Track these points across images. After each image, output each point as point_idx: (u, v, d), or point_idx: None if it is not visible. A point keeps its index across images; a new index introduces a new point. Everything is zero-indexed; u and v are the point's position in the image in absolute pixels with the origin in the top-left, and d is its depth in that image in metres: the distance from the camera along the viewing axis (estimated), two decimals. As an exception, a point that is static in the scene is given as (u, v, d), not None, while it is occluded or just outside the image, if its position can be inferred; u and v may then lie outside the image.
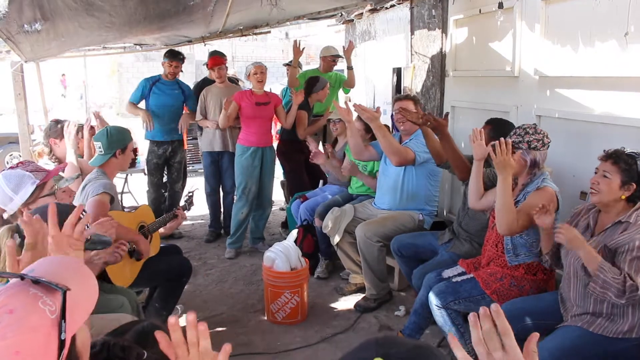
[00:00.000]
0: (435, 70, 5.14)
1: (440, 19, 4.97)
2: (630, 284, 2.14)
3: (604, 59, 3.08)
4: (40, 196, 2.42)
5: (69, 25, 3.71)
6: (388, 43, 6.52)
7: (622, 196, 2.32)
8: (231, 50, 20.76)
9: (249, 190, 5.06)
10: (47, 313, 0.95)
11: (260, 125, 4.99)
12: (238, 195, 5.14)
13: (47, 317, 0.95)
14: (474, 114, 4.37)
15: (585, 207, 2.56)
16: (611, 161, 2.34)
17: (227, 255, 5.14)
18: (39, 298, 0.96)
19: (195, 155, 8.84)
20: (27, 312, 0.94)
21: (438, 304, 2.91)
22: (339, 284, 4.40)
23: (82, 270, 1.11)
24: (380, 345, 0.87)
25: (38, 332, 0.93)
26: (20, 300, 0.96)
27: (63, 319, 0.96)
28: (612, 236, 2.30)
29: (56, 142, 3.46)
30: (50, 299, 0.97)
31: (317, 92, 5.29)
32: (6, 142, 9.32)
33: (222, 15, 4.66)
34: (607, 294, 2.18)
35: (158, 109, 5.42)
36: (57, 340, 0.95)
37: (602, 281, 2.18)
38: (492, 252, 2.98)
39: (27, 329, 0.92)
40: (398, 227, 3.88)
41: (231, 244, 5.21)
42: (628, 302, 2.17)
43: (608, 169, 2.33)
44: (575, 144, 3.37)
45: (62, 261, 1.15)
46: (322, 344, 3.50)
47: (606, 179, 2.33)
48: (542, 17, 3.58)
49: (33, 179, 2.39)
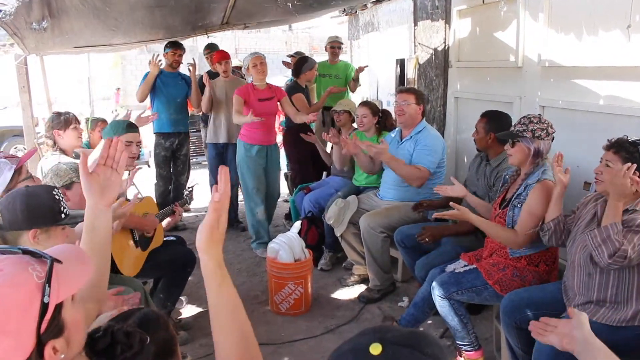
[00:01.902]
0: (439, 61, 5.13)
1: (443, 10, 4.96)
2: (623, 249, 2.15)
3: (608, 49, 3.07)
4: (19, 180, 2.44)
5: (74, 24, 3.74)
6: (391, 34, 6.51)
7: None
8: (234, 42, 20.72)
9: (257, 189, 4.93)
10: (34, 277, 1.02)
11: (264, 122, 4.71)
12: (248, 196, 4.96)
13: (33, 279, 1.01)
14: (477, 105, 4.35)
15: (593, 197, 2.56)
16: (613, 150, 2.33)
17: (263, 255, 4.74)
18: (30, 264, 1.04)
19: (198, 147, 8.84)
20: (15, 272, 1.02)
21: (441, 295, 2.91)
22: (342, 276, 4.42)
23: (81, 254, 1.18)
24: (377, 331, 0.90)
25: (21, 289, 1.00)
26: (12, 263, 1.03)
27: (48, 283, 1.02)
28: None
29: (60, 133, 3.47)
30: (41, 267, 1.04)
31: (305, 72, 5.32)
32: (11, 134, 9.33)
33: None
34: (600, 249, 2.20)
35: (163, 101, 5.45)
36: (40, 301, 1.00)
37: (607, 236, 2.19)
38: (494, 244, 2.98)
39: (10, 284, 0.99)
40: (402, 218, 3.89)
41: (260, 243, 5.01)
42: (610, 266, 2.19)
43: (610, 158, 2.33)
44: (579, 134, 3.36)
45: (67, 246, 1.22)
46: (326, 335, 3.52)
47: (609, 168, 2.33)
48: (545, 7, 3.56)
49: (9, 164, 2.41)
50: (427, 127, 4.06)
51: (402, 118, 4.04)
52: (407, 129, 4.06)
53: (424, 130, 4.01)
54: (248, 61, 4.90)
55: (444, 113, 5.16)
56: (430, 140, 3.95)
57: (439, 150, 3.96)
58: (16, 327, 0.98)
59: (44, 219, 1.96)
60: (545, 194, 2.70)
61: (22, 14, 3.19)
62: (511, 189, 2.97)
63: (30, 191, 2.01)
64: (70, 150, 3.57)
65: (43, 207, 1.96)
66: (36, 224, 1.93)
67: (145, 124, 4.38)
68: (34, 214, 1.93)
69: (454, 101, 4.96)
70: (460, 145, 4.93)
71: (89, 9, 3.44)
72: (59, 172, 2.75)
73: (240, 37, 21.57)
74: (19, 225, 1.91)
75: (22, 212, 1.90)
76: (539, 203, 2.70)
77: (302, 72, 5.32)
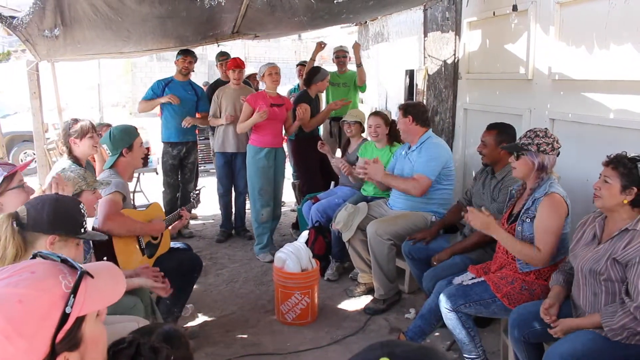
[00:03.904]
0: (448, 72, 5.13)
1: (453, 22, 4.96)
2: (635, 306, 2.12)
3: (619, 62, 3.05)
4: (8, 188, 2.42)
5: (86, 33, 3.80)
6: (401, 45, 6.52)
7: (624, 200, 2.30)
8: (244, 50, 20.83)
9: (265, 191, 5.03)
10: (62, 286, 1.03)
11: (274, 127, 4.97)
12: (255, 198, 5.05)
13: (61, 288, 1.03)
14: (486, 117, 4.35)
15: (592, 216, 2.55)
16: (611, 166, 2.33)
17: (267, 259, 4.99)
18: (62, 273, 1.06)
19: (207, 155, 8.87)
20: (45, 277, 1.04)
21: (449, 307, 2.89)
22: (349, 286, 4.40)
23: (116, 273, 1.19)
24: (385, 346, 0.90)
25: (46, 295, 1.01)
26: (45, 268, 1.06)
27: (73, 294, 1.03)
28: (620, 245, 2.28)
29: (76, 141, 3.49)
30: (72, 277, 1.06)
31: (316, 82, 5.33)
32: (20, 140, 9.41)
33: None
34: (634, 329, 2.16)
35: (172, 110, 5.48)
36: (62, 311, 1.01)
37: (619, 327, 2.17)
38: (503, 258, 2.96)
39: (38, 288, 1.01)
40: (410, 227, 3.88)
41: (262, 248, 5.12)
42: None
43: (608, 174, 2.33)
44: (589, 148, 3.33)
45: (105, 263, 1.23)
46: (333, 346, 3.49)
47: (607, 184, 2.33)
48: (556, 20, 3.55)
49: (0, 171, 2.41)
50: (432, 137, 4.06)
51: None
52: (411, 139, 4.09)
53: (427, 140, 4.02)
54: (264, 70, 5.02)
55: (452, 125, 5.15)
56: (432, 149, 3.95)
57: (441, 157, 3.95)
58: (33, 331, 0.98)
59: (67, 228, 1.98)
60: (555, 206, 2.69)
61: (35, 22, 3.23)
62: (518, 203, 2.96)
63: (60, 198, 2.05)
64: (83, 159, 3.58)
65: (69, 216, 1.99)
66: (58, 230, 1.95)
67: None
68: (59, 221, 1.95)
69: (463, 113, 4.95)
70: (468, 157, 4.91)
71: (101, 19, 3.49)
72: (68, 180, 2.75)
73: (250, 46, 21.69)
74: (41, 228, 1.93)
75: (48, 215, 1.93)
76: (552, 217, 2.69)
77: (313, 83, 5.34)
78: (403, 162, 4.12)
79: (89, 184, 2.76)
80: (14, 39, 3.75)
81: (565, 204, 2.72)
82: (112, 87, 20.96)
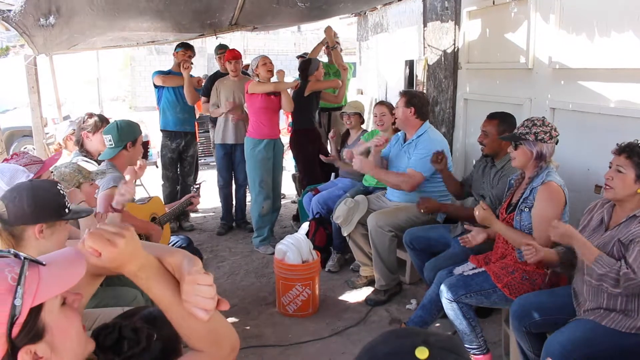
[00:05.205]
0: (448, 62, 5.11)
1: (453, 11, 4.93)
2: (624, 272, 2.12)
3: (620, 51, 3.03)
4: None
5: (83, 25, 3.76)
6: (400, 35, 6.49)
7: (637, 190, 2.28)
8: (243, 43, 20.73)
9: (265, 182, 5.04)
10: (7, 279, 0.99)
11: (271, 117, 4.99)
12: (256, 190, 5.05)
13: (7, 281, 0.99)
14: (486, 107, 4.32)
15: (600, 202, 2.53)
16: (625, 155, 2.29)
17: (269, 252, 4.97)
18: (8, 266, 1.02)
19: (207, 148, 8.86)
20: None
21: (449, 298, 2.89)
22: (350, 277, 4.40)
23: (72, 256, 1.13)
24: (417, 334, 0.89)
25: None
26: None
27: (19, 284, 0.99)
28: (626, 230, 2.27)
29: (89, 135, 3.48)
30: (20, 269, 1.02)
31: (313, 73, 5.31)
32: (20, 135, 9.39)
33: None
34: (602, 285, 2.20)
35: (170, 101, 5.53)
36: (10, 303, 0.98)
37: (597, 275, 2.20)
38: (503, 248, 2.96)
39: None
40: (410, 218, 3.87)
41: (262, 240, 5.13)
42: (626, 290, 2.16)
43: (622, 163, 2.29)
44: (590, 137, 3.32)
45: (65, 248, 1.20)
46: (334, 337, 3.49)
47: (620, 173, 2.29)
48: (557, 8, 3.53)
49: (27, 172, 2.38)
50: (428, 130, 4.02)
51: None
52: (409, 130, 4.06)
53: (424, 134, 3.99)
54: (256, 62, 5.00)
55: (453, 115, 5.13)
56: (428, 144, 3.90)
57: None
58: None
59: (51, 214, 1.93)
60: (552, 195, 2.68)
61: (30, 12, 3.20)
62: (517, 193, 2.95)
63: (35, 185, 1.97)
64: (95, 154, 3.57)
65: (50, 202, 1.93)
66: (43, 219, 1.90)
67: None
68: (42, 209, 1.90)
69: (463, 103, 4.93)
70: (469, 146, 4.90)
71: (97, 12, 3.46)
72: (64, 176, 2.74)
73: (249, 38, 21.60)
74: (24, 220, 1.87)
75: (29, 206, 1.86)
76: (549, 205, 2.68)
77: (310, 74, 5.32)
78: (399, 155, 4.10)
79: (85, 176, 2.75)
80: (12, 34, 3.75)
81: (562, 193, 2.70)
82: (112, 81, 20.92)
